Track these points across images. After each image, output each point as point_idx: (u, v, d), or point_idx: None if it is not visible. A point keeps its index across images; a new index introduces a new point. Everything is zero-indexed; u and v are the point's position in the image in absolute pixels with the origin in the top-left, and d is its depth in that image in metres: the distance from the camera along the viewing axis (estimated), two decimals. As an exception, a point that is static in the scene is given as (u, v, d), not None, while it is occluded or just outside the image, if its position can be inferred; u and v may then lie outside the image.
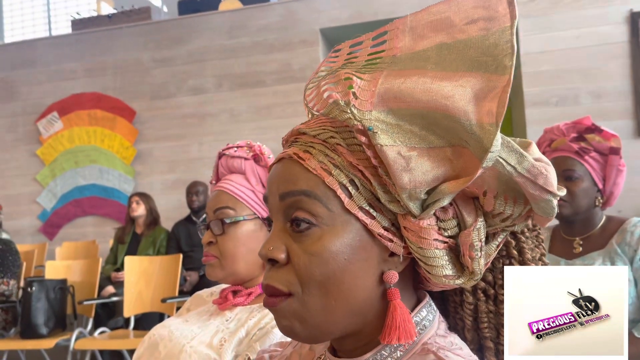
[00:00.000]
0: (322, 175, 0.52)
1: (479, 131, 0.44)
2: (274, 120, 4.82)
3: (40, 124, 5.54)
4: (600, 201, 1.50)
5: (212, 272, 1.08)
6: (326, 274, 0.51)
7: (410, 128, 0.49)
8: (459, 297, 0.61)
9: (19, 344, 3.26)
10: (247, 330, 0.99)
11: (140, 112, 5.32)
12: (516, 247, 0.57)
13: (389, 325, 0.52)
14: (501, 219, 0.50)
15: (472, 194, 0.50)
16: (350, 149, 0.52)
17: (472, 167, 0.46)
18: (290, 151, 0.55)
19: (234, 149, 1.10)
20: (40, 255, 4.79)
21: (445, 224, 0.50)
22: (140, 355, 1.09)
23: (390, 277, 0.52)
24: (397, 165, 0.48)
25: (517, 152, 0.46)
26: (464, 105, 0.45)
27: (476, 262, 0.50)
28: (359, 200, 0.51)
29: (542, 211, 0.48)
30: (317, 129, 0.55)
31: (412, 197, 0.48)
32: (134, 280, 3.43)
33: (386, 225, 0.52)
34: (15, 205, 5.37)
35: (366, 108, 0.49)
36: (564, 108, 4.11)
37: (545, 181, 0.46)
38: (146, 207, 4.27)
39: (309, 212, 0.52)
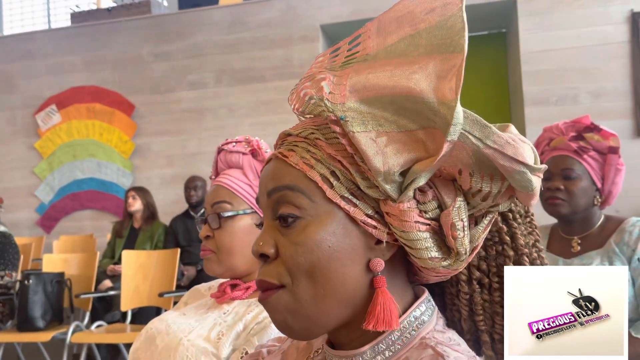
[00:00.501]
0: (304, 169, 0.54)
1: (442, 108, 0.46)
2: (273, 116, 4.82)
3: (38, 116, 5.53)
4: (599, 200, 1.50)
5: (209, 267, 1.08)
6: (312, 262, 0.53)
7: (382, 114, 0.51)
8: (455, 288, 0.61)
9: (15, 336, 3.27)
10: (245, 324, 0.99)
11: (139, 106, 5.31)
12: (508, 232, 0.58)
13: (370, 312, 0.53)
14: (481, 197, 0.51)
15: (450, 176, 0.52)
16: (329, 142, 0.54)
17: (442, 144, 0.48)
18: (277, 152, 0.58)
19: (233, 144, 1.11)
20: (38, 248, 4.80)
21: (425, 205, 0.52)
22: (137, 349, 1.09)
23: (375, 265, 0.54)
24: (369, 149, 0.50)
25: (481, 123, 0.47)
26: (426, 86, 0.47)
27: (459, 242, 0.51)
28: (340, 190, 0.53)
29: (519, 185, 0.49)
30: (300, 128, 0.58)
31: (387, 179, 0.50)
32: (131, 275, 3.43)
33: (369, 213, 0.53)
34: (13, 198, 5.36)
35: (339, 100, 0.51)
36: (563, 107, 4.11)
37: (515, 151, 0.47)
38: (142, 201, 4.27)
39: (294, 204, 0.54)
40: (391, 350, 0.54)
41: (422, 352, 0.52)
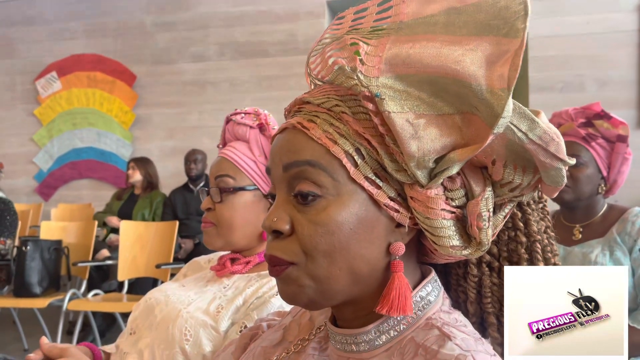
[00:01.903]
0: (327, 145, 0.51)
1: (490, 96, 0.44)
2: (275, 92, 4.78)
3: (38, 83, 5.48)
4: (603, 189, 1.49)
5: (209, 239, 1.08)
6: (332, 244, 0.51)
7: (418, 94, 0.48)
8: (462, 270, 0.60)
9: (12, 302, 3.28)
10: (245, 298, 0.99)
11: (141, 76, 5.26)
12: (522, 219, 0.57)
13: (384, 296, 0.52)
14: (510, 188, 0.50)
15: (480, 163, 0.50)
16: (356, 117, 0.51)
17: (482, 134, 0.45)
18: (294, 120, 0.54)
19: (241, 115, 1.09)
20: (36, 215, 4.80)
21: (452, 193, 0.50)
22: (136, 318, 1.09)
23: (397, 249, 0.52)
24: (405, 132, 0.47)
25: (529, 118, 0.45)
26: (475, 70, 0.44)
27: (484, 233, 0.49)
28: (365, 170, 0.51)
29: (551, 180, 0.48)
30: (321, 97, 0.54)
31: (420, 165, 0.48)
32: (129, 245, 3.44)
33: (392, 196, 0.51)
34: (11, 164, 5.34)
35: (373, 74, 0.48)
36: (568, 95, 4.08)
37: (557, 148, 0.45)
38: (142, 172, 4.28)
39: (314, 182, 0.51)
40: (396, 330, 0.53)
41: (428, 333, 0.51)
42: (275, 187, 0.56)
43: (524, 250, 0.56)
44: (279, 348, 0.66)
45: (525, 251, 0.56)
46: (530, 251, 0.57)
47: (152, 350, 0.96)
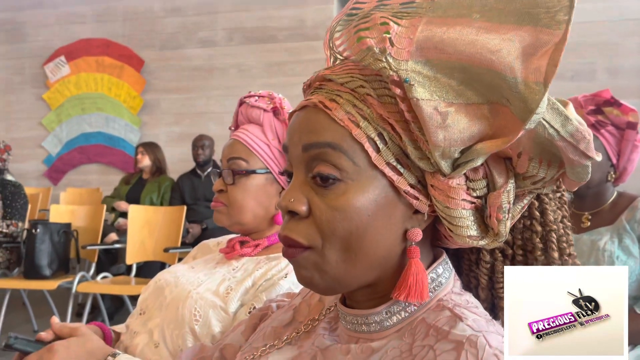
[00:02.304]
0: (349, 127, 0.50)
1: (525, 90, 0.42)
2: (283, 78, 4.76)
3: (47, 67, 5.49)
4: (613, 176, 1.48)
5: (218, 217, 1.08)
6: (349, 230, 0.50)
7: (447, 82, 0.46)
8: (474, 256, 0.60)
9: (22, 283, 3.32)
10: (254, 280, 1.00)
11: (149, 61, 5.26)
12: (539, 208, 0.56)
13: (401, 282, 0.51)
14: (532, 181, 0.49)
15: (505, 155, 0.49)
16: (381, 100, 0.49)
17: (511, 127, 0.44)
18: (315, 99, 0.53)
19: (255, 98, 1.09)
20: (45, 199, 4.84)
21: (474, 184, 0.49)
22: (146, 299, 1.10)
23: (414, 235, 0.52)
24: (432, 121, 0.46)
25: (563, 114, 0.45)
26: (511, 61, 0.43)
27: (503, 224, 0.49)
28: (387, 156, 0.50)
29: (576, 176, 0.47)
30: (345, 76, 0.52)
31: (445, 155, 0.47)
32: (137, 229, 3.46)
33: (412, 183, 0.51)
34: (20, 148, 5.37)
35: (403, 57, 0.46)
36: (579, 83, 4.04)
37: (587, 146, 0.45)
38: (150, 157, 4.30)
39: (334, 165, 0.50)
40: (407, 311, 0.53)
41: (439, 314, 0.51)
42: (292, 166, 0.55)
43: (538, 239, 0.56)
44: (289, 328, 0.66)
45: (540, 240, 0.56)
46: (545, 240, 0.56)
47: (162, 330, 0.98)
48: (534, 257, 0.56)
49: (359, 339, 0.55)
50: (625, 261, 1.39)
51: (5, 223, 3.47)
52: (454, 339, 0.47)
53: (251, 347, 0.67)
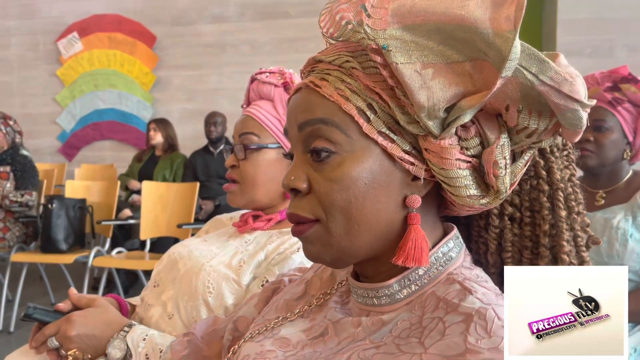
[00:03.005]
0: (338, 102, 0.52)
1: (498, 40, 0.43)
2: (296, 55, 4.72)
3: (60, 43, 5.50)
4: (629, 154, 1.47)
5: (232, 198, 1.09)
6: (347, 200, 0.51)
7: (427, 44, 0.47)
8: (483, 221, 0.60)
9: (39, 257, 3.39)
10: (267, 254, 1.01)
11: (161, 38, 5.25)
12: (545, 167, 0.56)
13: (400, 247, 0.52)
14: (526, 134, 0.49)
15: (494, 110, 0.49)
16: (366, 71, 0.51)
17: (493, 80, 0.45)
18: (307, 80, 0.55)
19: (266, 75, 1.09)
20: (60, 174, 4.89)
21: (467, 142, 0.50)
22: (160, 271, 1.12)
23: (412, 201, 0.53)
24: (414, 83, 0.47)
25: (539, 58, 0.44)
26: (481, 14, 0.44)
27: (501, 180, 0.49)
28: (378, 124, 0.51)
29: (569, 123, 0.47)
30: (332, 55, 0.54)
31: (431, 115, 0.48)
32: (150, 205, 3.50)
33: (407, 149, 0.51)
34: (34, 124, 5.42)
35: (380, 27, 0.48)
36: (597, 60, 3.96)
37: (571, 88, 0.44)
38: (163, 134, 4.33)
39: (328, 139, 0.52)
40: (417, 284, 0.54)
41: (449, 287, 0.52)
42: (292, 146, 0.57)
43: (545, 198, 0.56)
44: (301, 301, 0.68)
45: (547, 199, 0.56)
46: (553, 199, 0.56)
47: (176, 302, 0.99)
48: (542, 216, 0.56)
49: (370, 312, 0.56)
50: (638, 239, 1.39)
51: (20, 192, 3.52)
52: (464, 312, 0.48)
53: (264, 319, 0.68)
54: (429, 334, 0.48)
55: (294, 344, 0.59)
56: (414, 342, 0.49)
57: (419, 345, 0.48)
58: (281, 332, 0.62)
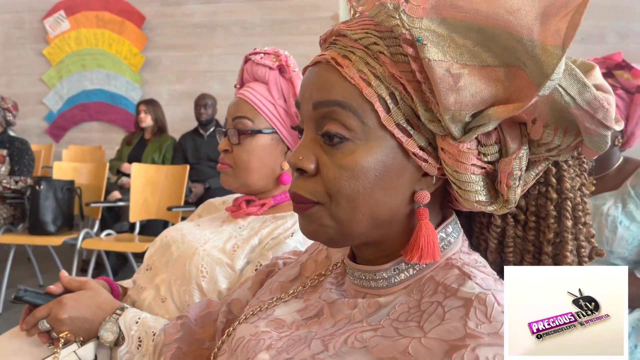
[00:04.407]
0: (360, 86, 0.49)
1: (541, 54, 0.41)
2: (288, 37, 4.68)
3: (47, 22, 5.39)
4: (620, 141, 1.47)
5: (225, 180, 1.08)
6: (355, 189, 0.50)
7: (462, 42, 0.45)
8: (486, 219, 0.60)
9: (27, 239, 3.36)
10: (260, 238, 1.01)
11: (150, 18, 5.16)
12: (556, 175, 0.55)
13: (412, 244, 0.51)
14: (547, 148, 0.48)
15: (519, 120, 0.47)
16: (394, 58, 0.48)
17: (526, 92, 0.43)
18: (328, 55, 0.52)
19: (260, 56, 1.07)
20: (47, 156, 4.84)
21: (486, 149, 0.48)
22: (152, 255, 1.11)
23: (422, 197, 0.51)
24: (444, 83, 0.44)
25: (580, 81, 0.43)
26: (529, 22, 0.42)
27: (512, 191, 0.48)
28: (397, 117, 0.49)
29: (594, 145, 0.46)
30: (360, 32, 0.51)
31: (455, 119, 0.46)
32: (140, 187, 3.48)
33: (422, 145, 0.50)
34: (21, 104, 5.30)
35: (417, 14, 0.45)
36: (588, 46, 3.97)
37: (605, 115, 0.43)
38: (152, 116, 4.27)
39: (343, 124, 0.50)
40: (415, 268, 0.54)
41: (447, 272, 0.52)
42: (303, 122, 0.55)
43: (552, 207, 0.55)
44: (296, 282, 0.68)
45: (554, 208, 0.55)
46: (560, 208, 0.55)
47: (169, 286, 0.99)
48: (547, 224, 0.56)
49: (366, 294, 0.56)
50: (628, 226, 1.40)
51: (14, 179, 3.48)
52: (463, 296, 0.48)
53: (258, 301, 0.68)
54: (428, 318, 0.48)
55: (288, 325, 0.59)
56: (413, 326, 0.49)
57: (418, 329, 0.48)
58: (275, 312, 0.62)
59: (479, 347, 0.43)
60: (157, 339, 0.86)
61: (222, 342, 0.67)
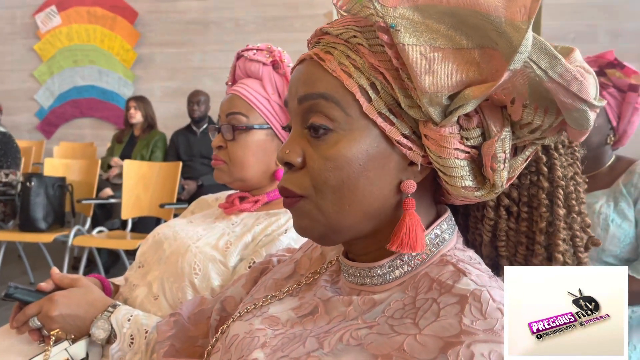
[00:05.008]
0: (341, 78, 0.50)
1: (510, 29, 0.42)
2: (282, 34, 4.67)
3: (38, 17, 5.34)
4: (612, 139, 1.48)
5: (219, 175, 1.07)
6: (340, 179, 0.51)
7: (437, 27, 0.46)
8: (480, 213, 0.60)
9: (18, 236, 3.34)
10: (254, 235, 1.00)
11: (143, 14, 5.13)
12: (547, 163, 0.55)
13: (395, 233, 0.52)
14: (530, 129, 0.48)
15: (500, 102, 0.48)
16: (373, 49, 0.50)
17: (501, 70, 0.44)
18: (312, 52, 0.54)
19: (253, 52, 1.06)
20: (38, 152, 4.80)
21: (468, 132, 0.49)
22: (145, 252, 1.10)
23: (407, 187, 0.52)
24: (418, 66, 0.46)
25: (550, 54, 0.43)
26: (496, 1, 0.43)
27: (498, 175, 0.49)
28: (379, 105, 0.50)
29: (575, 122, 0.46)
30: (340, 28, 0.52)
31: (433, 102, 0.46)
32: (132, 184, 3.46)
33: (406, 133, 0.51)
34: (12, 100, 5.29)
35: (391, 4, 0.46)
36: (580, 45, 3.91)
37: (580, 88, 0.43)
38: (142, 113, 4.24)
39: (326, 116, 0.51)
40: (410, 265, 0.54)
41: (442, 269, 0.52)
42: (291, 119, 0.56)
43: (544, 195, 0.55)
44: (290, 280, 0.67)
45: (546, 197, 0.55)
46: (552, 197, 0.55)
47: (162, 283, 0.98)
48: (539, 213, 0.56)
49: (361, 291, 0.56)
50: (619, 224, 1.41)
51: (4, 172, 3.45)
52: (458, 293, 0.48)
53: (252, 298, 0.68)
54: (423, 315, 0.48)
55: (283, 322, 0.59)
56: (408, 322, 0.49)
57: (414, 326, 0.48)
58: (270, 310, 0.61)
59: (474, 343, 0.43)
60: (150, 337, 0.85)
61: (216, 340, 0.67)
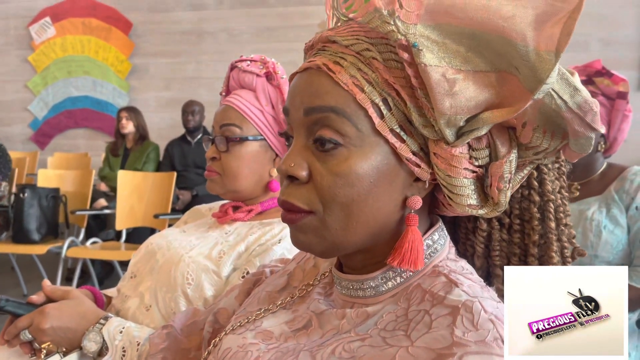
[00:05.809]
0: (353, 92, 0.49)
1: (535, 59, 0.42)
2: (276, 44, 4.69)
3: (32, 28, 5.35)
4: (603, 147, 1.49)
5: (212, 187, 1.07)
6: (350, 196, 0.50)
7: (456, 48, 0.45)
8: (472, 224, 0.60)
9: (11, 247, 3.31)
10: (247, 245, 1.00)
11: (137, 24, 5.14)
12: (537, 178, 0.56)
13: (397, 248, 0.51)
14: (535, 152, 0.49)
15: (509, 124, 0.48)
16: (387, 64, 0.48)
17: (518, 96, 0.44)
18: (319, 61, 0.51)
19: (247, 63, 1.06)
20: (32, 163, 4.78)
21: (477, 153, 0.49)
22: (137, 262, 1.10)
23: (414, 203, 0.51)
24: (440, 88, 0.45)
25: (572, 85, 0.44)
26: (523, 29, 0.42)
27: (503, 194, 0.49)
28: (391, 122, 0.49)
29: (579, 148, 0.47)
30: (350, 38, 0.51)
31: (450, 123, 0.46)
32: (126, 195, 3.44)
33: (415, 150, 0.50)
34: (6, 111, 5.28)
35: (411, 20, 0.45)
36: (572, 54, 4.01)
37: (593, 118, 0.45)
38: (134, 123, 4.23)
39: (337, 131, 0.49)
40: (402, 277, 0.54)
41: (434, 280, 0.51)
42: (293, 129, 0.54)
43: (536, 209, 0.56)
44: (284, 293, 0.67)
45: (537, 210, 0.56)
46: (543, 210, 0.56)
47: (154, 293, 0.98)
48: (531, 226, 0.57)
49: (354, 304, 0.56)
50: (612, 230, 1.41)
51: None
52: (450, 304, 0.47)
53: (245, 311, 0.67)
54: (415, 326, 0.48)
55: (276, 336, 0.58)
56: (401, 334, 0.48)
57: (406, 338, 0.48)
58: (263, 324, 0.61)
59: (465, 355, 0.43)
60: (142, 349, 0.84)
61: (209, 353, 0.66)
